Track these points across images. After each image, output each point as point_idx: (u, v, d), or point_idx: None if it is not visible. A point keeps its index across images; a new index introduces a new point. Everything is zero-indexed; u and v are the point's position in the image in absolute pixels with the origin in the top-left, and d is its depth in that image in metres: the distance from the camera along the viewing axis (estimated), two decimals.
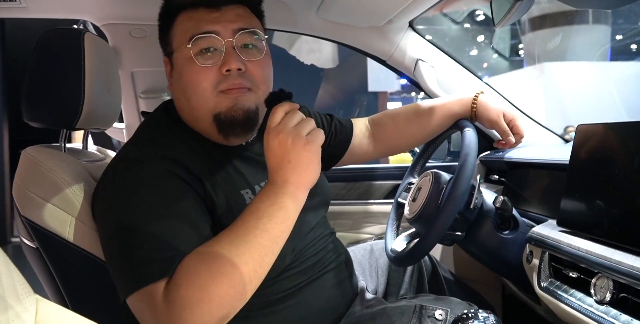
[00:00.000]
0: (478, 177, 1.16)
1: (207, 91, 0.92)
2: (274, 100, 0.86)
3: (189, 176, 0.88)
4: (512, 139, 1.27)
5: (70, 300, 0.99)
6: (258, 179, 1.00)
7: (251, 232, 0.78)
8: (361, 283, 1.22)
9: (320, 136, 0.83)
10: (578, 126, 1.03)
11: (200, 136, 0.99)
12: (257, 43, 0.97)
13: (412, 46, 1.61)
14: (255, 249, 0.77)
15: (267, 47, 0.99)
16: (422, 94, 1.64)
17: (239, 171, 0.99)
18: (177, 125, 0.99)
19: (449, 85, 1.61)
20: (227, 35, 0.93)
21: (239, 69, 0.92)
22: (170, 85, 1.01)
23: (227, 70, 0.92)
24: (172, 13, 0.97)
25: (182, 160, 0.89)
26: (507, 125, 1.27)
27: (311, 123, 0.83)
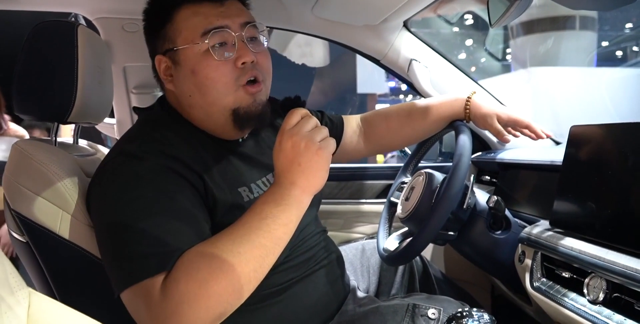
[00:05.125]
0: (472, 177, 1.16)
1: (227, 86, 0.93)
2: (290, 104, 0.87)
3: (188, 172, 0.87)
4: (508, 138, 1.27)
5: (59, 295, 0.97)
6: (254, 177, 1.00)
7: (254, 232, 0.78)
8: (352, 282, 1.22)
9: (332, 145, 0.84)
10: (571, 127, 1.03)
11: (198, 132, 0.98)
12: (259, 36, 0.98)
13: (406, 46, 1.61)
14: (257, 249, 0.77)
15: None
16: (410, 96, 1.65)
17: (236, 168, 0.98)
18: (175, 121, 0.98)
19: (443, 85, 1.62)
20: (237, 29, 0.93)
21: (252, 61, 0.93)
22: (171, 83, 0.98)
23: (243, 63, 0.92)
24: (170, 8, 0.95)
25: (181, 156, 0.88)
26: (507, 124, 1.27)
27: (325, 131, 0.84)
